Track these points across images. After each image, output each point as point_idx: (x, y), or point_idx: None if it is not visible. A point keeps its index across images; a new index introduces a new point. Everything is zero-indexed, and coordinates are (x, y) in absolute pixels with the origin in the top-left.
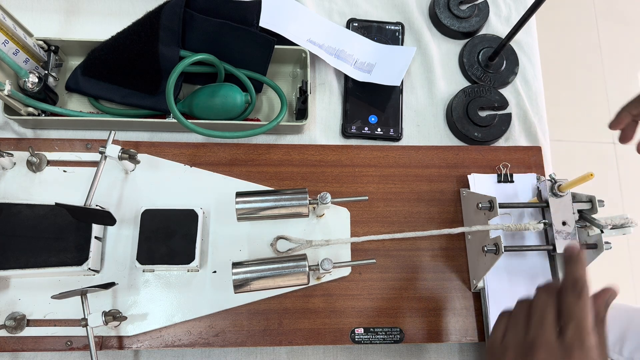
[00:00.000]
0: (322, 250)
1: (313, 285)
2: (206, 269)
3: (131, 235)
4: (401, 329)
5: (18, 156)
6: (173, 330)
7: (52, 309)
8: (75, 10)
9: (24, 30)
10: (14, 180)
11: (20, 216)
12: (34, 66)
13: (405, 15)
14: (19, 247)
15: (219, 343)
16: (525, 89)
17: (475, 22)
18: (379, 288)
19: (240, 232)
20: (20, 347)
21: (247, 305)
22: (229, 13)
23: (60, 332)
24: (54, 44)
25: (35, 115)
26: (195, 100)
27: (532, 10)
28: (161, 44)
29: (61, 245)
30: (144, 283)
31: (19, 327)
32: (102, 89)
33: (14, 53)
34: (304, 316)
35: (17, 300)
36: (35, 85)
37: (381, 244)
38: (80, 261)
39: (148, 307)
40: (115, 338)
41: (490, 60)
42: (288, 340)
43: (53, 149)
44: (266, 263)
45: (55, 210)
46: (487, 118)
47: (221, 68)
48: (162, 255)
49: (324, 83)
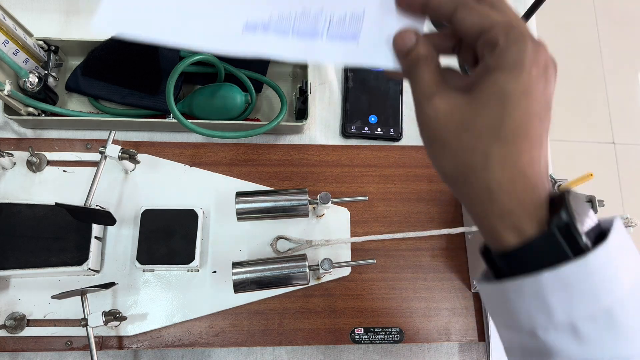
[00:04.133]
0: (322, 250)
1: (313, 285)
2: (206, 268)
3: (131, 235)
4: (401, 329)
5: (18, 156)
6: (173, 330)
7: (52, 309)
8: (75, 10)
9: (24, 30)
10: (14, 180)
11: (20, 216)
12: (34, 66)
13: None
14: (19, 247)
15: (219, 343)
16: None
17: None
18: (379, 288)
19: (240, 232)
20: (20, 347)
21: (247, 305)
22: None
23: (60, 332)
24: (54, 44)
25: (35, 115)
26: (195, 100)
27: (532, 10)
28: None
29: (61, 245)
30: (144, 283)
31: (19, 327)
32: (102, 89)
33: (14, 53)
34: (304, 316)
35: (17, 300)
36: (35, 85)
37: (381, 244)
38: (80, 261)
39: (148, 307)
40: (115, 338)
41: None
42: (288, 340)
43: (53, 149)
44: (266, 263)
45: (55, 210)
46: None
47: (221, 68)
48: (162, 255)
49: (324, 83)
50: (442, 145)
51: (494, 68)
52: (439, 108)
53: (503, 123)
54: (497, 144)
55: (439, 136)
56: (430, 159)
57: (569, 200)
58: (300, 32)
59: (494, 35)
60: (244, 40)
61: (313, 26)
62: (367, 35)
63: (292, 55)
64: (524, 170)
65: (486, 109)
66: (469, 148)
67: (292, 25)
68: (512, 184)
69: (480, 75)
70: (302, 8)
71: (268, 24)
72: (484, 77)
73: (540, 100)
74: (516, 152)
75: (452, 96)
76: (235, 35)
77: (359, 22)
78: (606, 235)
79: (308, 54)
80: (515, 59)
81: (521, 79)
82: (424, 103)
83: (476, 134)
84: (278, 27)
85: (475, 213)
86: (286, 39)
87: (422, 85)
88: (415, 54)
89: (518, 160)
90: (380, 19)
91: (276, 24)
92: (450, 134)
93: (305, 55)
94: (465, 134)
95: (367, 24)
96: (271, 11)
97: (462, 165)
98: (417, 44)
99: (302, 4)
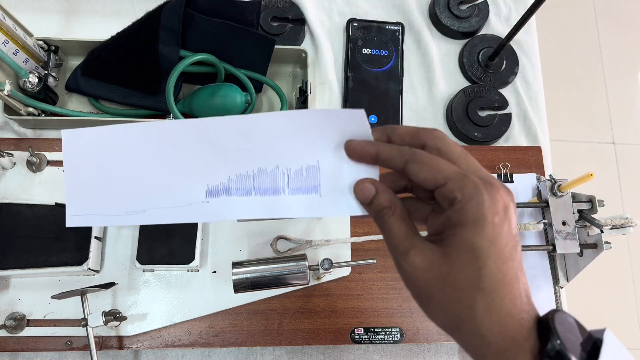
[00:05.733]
0: (322, 250)
1: (313, 285)
2: (206, 268)
3: (131, 235)
4: (401, 329)
5: (18, 156)
6: (173, 330)
7: (52, 309)
8: (75, 10)
9: (23, 30)
10: (14, 180)
11: (20, 216)
12: (34, 66)
13: (405, 15)
14: (19, 247)
15: (219, 343)
16: (525, 88)
17: (475, 22)
18: (379, 288)
19: (240, 232)
20: (20, 347)
21: (247, 305)
22: (229, 13)
23: (60, 332)
24: (53, 44)
25: (35, 115)
26: (195, 100)
27: (532, 10)
28: (161, 44)
29: (61, 245)
30: (143, 283)
31: (19, 327)
32: (102, 89)
33: (14, 53)
34: (304, 316)
35: (17, 300)
36: (35, 85)
37: (381, 244)
38: (80, 261)
39: (148, 307)
40: (115, 338)
41: (490, 60)
42: (288, 340)
43: (53, 148)
44: (266, 263)
45: (55, 210)
46: (487, 118)
47: (221, 68)
48: (162, 255)
49: (324, 83)
50: (427, 298)
51: (457, 223)
52: (416, 264)
53: (481, 276)
54: (479, 294)
55: (423, 291)
56: (422, 310)
57: (556, 327)
58: (262, 190)
59: (450, 191)
60: (210, 206)
61: (273, 182)
62: (326, 186)
63: (259, 213)
64: (509, 311)
65: (461, 264)
66: (453, 300)
67: (253, 183)
68: (502, 326)
69: (446, 226)
70: (258, 167)
71: (229, 186)
72: (451, 232)
73: (508, 242)
74: (498, 298)
75: (426, 249)
76: (200, 203)
77: (317, 173)
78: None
79: (274, 211)
80: (475, 214)
81: (486, 231)
82: (401, 260)
83: (457, 287)
84: (239, 188)
85: (474, 355)
86: (249, 198)
87: (394, 239)
88: (379, 204)
89: (502, 304)
90: (335, 168)
91: (237, 184)
92: (432, 288)
93: (272, 213)
94: (447, 287)
95: (325, 175)
96: (229, 173)
97: (451, 316)
98: (377, 194)
99: (256, 164)
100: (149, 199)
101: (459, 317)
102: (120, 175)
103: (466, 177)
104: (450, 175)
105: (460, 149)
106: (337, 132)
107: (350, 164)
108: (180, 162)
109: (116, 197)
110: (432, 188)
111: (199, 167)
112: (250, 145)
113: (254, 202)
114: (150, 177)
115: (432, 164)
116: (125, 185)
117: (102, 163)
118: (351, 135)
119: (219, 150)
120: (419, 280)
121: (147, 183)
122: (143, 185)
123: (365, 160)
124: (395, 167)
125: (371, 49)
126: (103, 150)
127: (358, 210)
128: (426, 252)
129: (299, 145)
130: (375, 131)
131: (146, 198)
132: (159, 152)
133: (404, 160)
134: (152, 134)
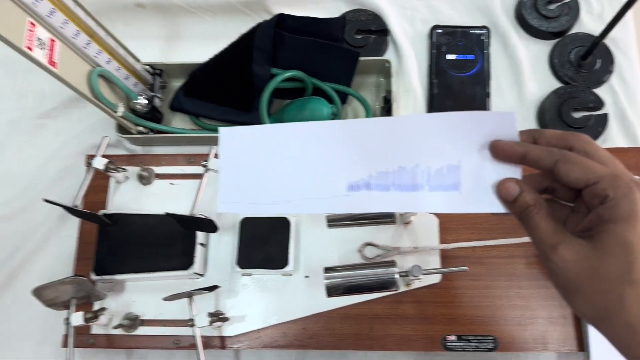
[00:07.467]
0: (409, 256)
1: (403, 291)
2: (299, 273)
3: (230, 241)
4: (495, 337)
5: (130, 171)
6: (270, 332)
7: (161, 310)
8: (175, 36)
9: (133, 56)
10: (127, 193)
11: (134, 225)
12: (142, 89)
13: (490, 19)
14: (133, 254)
15: (313, 345)
16: (623, 87)
17: (565, 21)
18: (471, 296)
19: (330, 238)
20: (134, 344)
21: (338, 309)
22: (316, 30)
23: (169, 331)
24: (158, 67)
25: (144, 133)
26: (286, 114)
27: (628, 5)
28: (255, 64)
29: (170, 251)
30: (242, 286)
31: (134, 326)
32: (202, 108)
33: (125, 78)
34: (394, 322)
35: (132, 301)
36: (145, 106)
37: (472, 251)
38: (187, 265)
39: (246, 309)
40: (217, 338)
41: (582, 59)
42: (379, 345)
43: (160, 163)
44: (357, 268)
45: (164, 219)
46: (581, 119)
47: (309, 83)
48: (259, 260)
49: (409, 91)
50: (575, 290)
51: (609, 219)
52: (567, 257)
53: (632, 268)
54: (630, 286)
55: (572, 283)
56: (567, 303)
57: None
58: (401, 186)
59: (602, 189)
60: (350, 199)
61: (412, 179)
62: (467, 184)
63: (397, 207)
64: None
65: (612, 257)
66: (603, 291)
67: (392, 180)
68: None
69: (595, 223)
70: (398, 165)
71: (369, 182)
72: (602, 228)
73: None
74: None
75: (575, 244)
76: (342, 196)
77: (457, 172)
78: None
79: (412, 206)
80: (628, 211)
81: (638, 227)
82: (550, 253)
83: (607, 279)
84: (379, 184)
85: (620, 346)
86: (388, 193)
87: (542, 235)
88: (524, 202)
89: None
90: (477, 168)
91: (376, 180)
92: (582, 280)
93: (410, 207)
94: (596, 279)
95: (466, 174)
96: (369, 170)
97: (599, 307)
98: (522, 193)
99: (396, 162)
100: (294, 191)
101: (607, 308)
102: (268, 168)
103: (618, 177)
104: (602, 175)
105: (608, 153)
106: (483, 133)
107: (494, 164)
108: (324, 158)
109: (264, 187)
110: (582, 187)
111: (341, 164)
112: (392, 144)
113: (393, 197)
114: (296, 171)
115: (583, 164)
116: (272, 178)
117: (253, 157)
118: (497, 136)
119: (361, 148)
120: (569, 272)
121: (293, 176)
122: (289, 178)
123: (512, 160)
124: (543, 167)
125: (456, 54)
126: (254, 146)
127: (499, 208)
128: (575, 247)
129: (443, 145)
130: (522, 133)
131: (291, 190)
132: (305, 149)
133: (554, 160)
134: (300, 133)
